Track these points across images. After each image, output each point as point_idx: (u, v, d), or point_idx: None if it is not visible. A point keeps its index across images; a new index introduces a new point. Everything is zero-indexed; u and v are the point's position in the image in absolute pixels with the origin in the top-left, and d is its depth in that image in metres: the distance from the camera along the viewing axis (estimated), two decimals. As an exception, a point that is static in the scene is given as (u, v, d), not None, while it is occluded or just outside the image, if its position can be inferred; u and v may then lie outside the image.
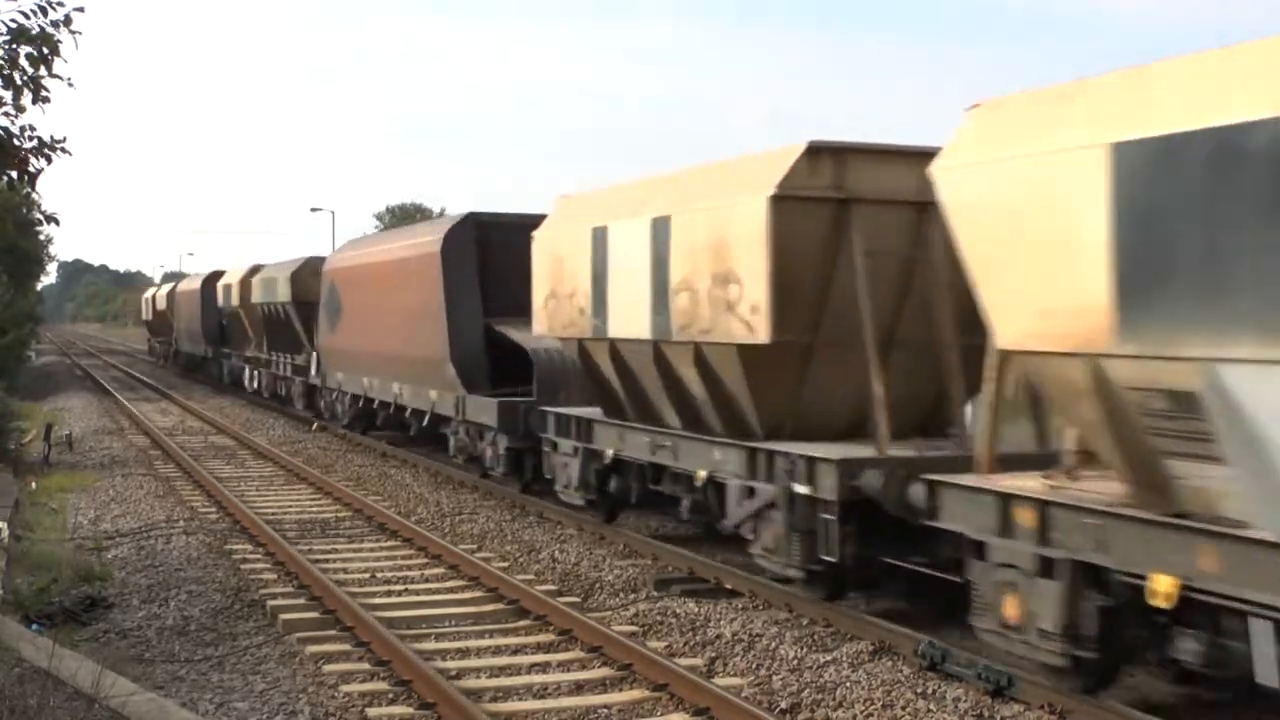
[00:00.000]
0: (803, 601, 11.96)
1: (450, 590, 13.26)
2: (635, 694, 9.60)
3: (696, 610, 11.93)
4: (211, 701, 9.60)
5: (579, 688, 9.85)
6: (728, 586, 12.92)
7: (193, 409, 36.79)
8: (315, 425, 31.00)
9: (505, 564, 14.51)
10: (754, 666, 10.27)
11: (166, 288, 63.74)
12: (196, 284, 50.26)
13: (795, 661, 10.29)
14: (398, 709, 9.38)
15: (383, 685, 9.92)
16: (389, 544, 16.04)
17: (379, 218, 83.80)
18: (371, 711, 9.30)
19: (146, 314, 71.88)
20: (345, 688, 9.87)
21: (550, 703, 9.43)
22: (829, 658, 10.35)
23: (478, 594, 12.95)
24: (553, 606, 11.92)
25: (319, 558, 14.82)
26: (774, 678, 9.92)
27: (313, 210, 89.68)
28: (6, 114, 11.31)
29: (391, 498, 19.65)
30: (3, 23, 11.11)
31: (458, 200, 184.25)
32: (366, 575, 13.98)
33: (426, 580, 13.75)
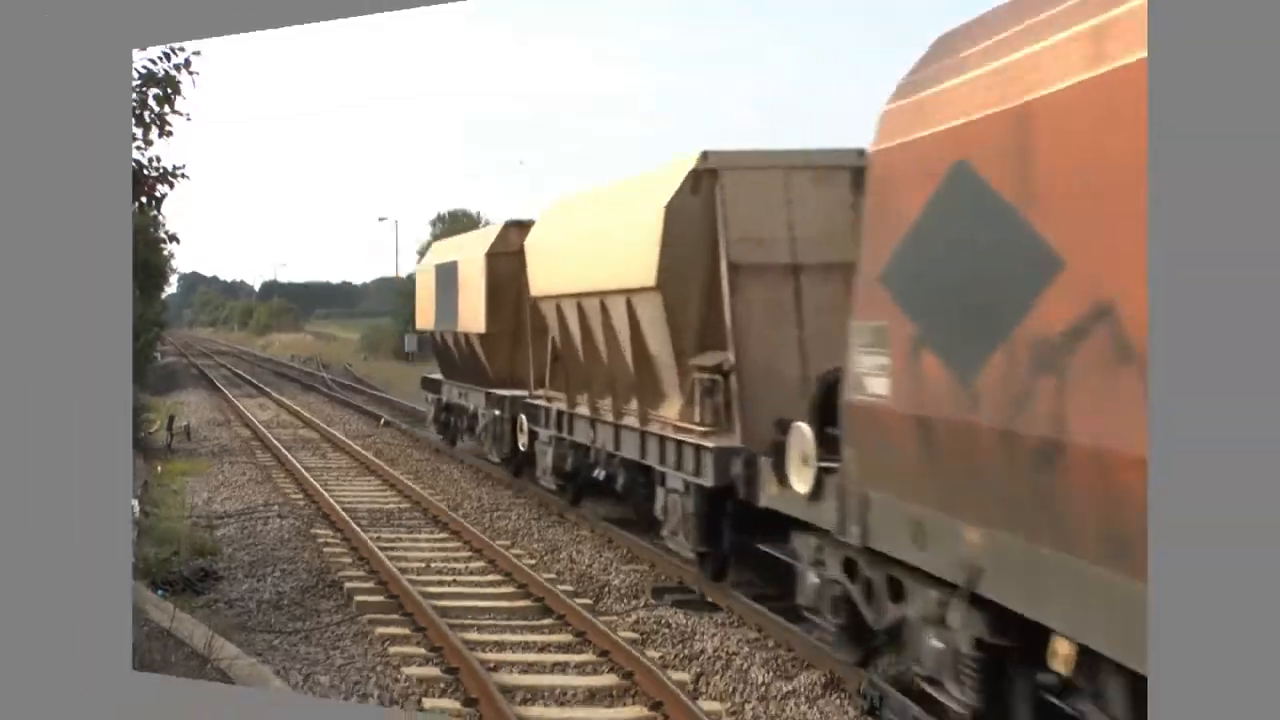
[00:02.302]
0: (770, 623, 11.05)
1: (490, 584, 12.98)
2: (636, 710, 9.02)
3: (684, 622, 11.37)
4: (300, 672, 9.61)
5: (592, 696, 9.27)
6: (709, 600, 12.19)
7: (285, 404, 36.77)
8: (382, 421, 31.03)
9: (533, 561, 14.13)
10: (730, 690, 9.40)
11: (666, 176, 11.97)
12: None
13: (764, 688, 9.41)
14: (446, 702, 9.01)
15: (435, 671, 9.76)
16: (440, 535, 15.78)
17: (433, 224, 70.91)
18: (428, 703, 9.02)
19: (433, 319, 22.48)
20: (406, 670, 9.72)
21: (567, 712, 8.93)
22: (790, 687, 9.39)
23: (510, 589, 12.67)
24: (571, 608, 11.52)
25: (386, 545, 14.64)
26: (746, 706, 9.07)
27: (380, 220, 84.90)
28: (138, 148, 11.13)
29: (443, 491, 19.45)
30: (136, 71, 10.90)
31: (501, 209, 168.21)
32: (423, 564, 13.81)
33: (470, 573, 13.52)
